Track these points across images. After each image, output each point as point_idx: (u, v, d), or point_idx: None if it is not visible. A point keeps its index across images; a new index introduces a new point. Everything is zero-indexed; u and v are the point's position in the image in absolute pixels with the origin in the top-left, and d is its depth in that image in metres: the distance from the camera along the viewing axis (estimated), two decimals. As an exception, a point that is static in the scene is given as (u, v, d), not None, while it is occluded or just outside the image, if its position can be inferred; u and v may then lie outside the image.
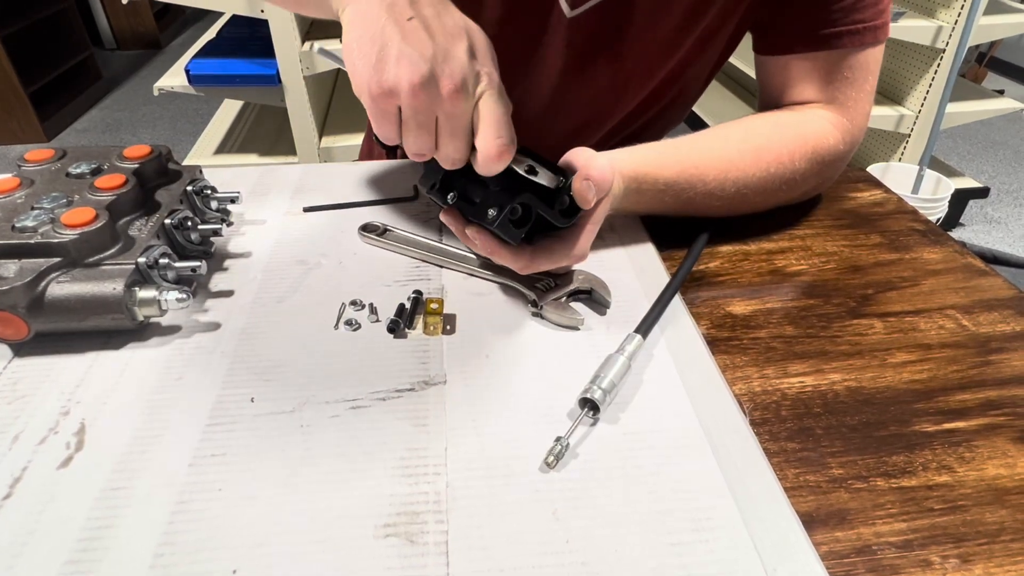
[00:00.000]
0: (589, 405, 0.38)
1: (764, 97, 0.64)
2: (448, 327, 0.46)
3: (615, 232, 0.56)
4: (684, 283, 0.51)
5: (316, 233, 0.56)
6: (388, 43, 0.37)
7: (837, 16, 0.55)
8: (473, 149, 0.40)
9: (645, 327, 0.44)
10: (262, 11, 1.53)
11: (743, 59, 2.31)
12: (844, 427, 0.40)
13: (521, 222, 0.44)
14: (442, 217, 0.47)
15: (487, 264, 0.50)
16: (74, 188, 0.46)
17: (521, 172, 0.42)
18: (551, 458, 0.35)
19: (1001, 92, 2.57)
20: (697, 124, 2.53)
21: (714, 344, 0.46)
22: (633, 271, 0.52)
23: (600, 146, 0.49)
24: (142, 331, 0.44)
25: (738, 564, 0.31)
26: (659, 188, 0.52)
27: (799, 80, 0.59)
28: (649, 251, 0.54)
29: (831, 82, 0.58)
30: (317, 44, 0.44)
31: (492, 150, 0.39)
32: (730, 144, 0.56)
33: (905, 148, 1.93)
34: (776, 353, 0.45)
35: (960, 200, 2.12)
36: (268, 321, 0.46)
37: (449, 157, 0.40)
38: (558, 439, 0.36)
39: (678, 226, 0.56)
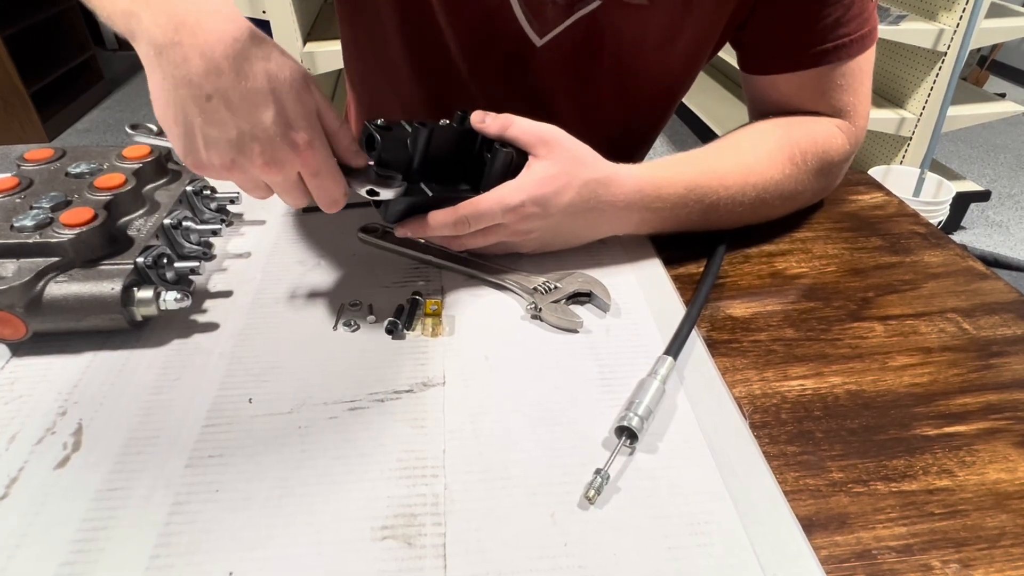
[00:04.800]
0: (627, 433, 0.37)
1: (756, 112, 0.64)
2: (447, 329, 0.45)
3: (616, 237, 0.56)
4: (685, 285, 0.51)
5: (315, 234, 0.55)
6: (191, 127, 0.36)
7: (822, 34, 0.54)
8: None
9: (675, 348, 0.43)
10: (263, 12, 1.53)
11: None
12: (844, 431, 0.39)
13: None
14: (400, 233, 0.48)
15: (486, 266, 0.50)
16: (73, 188, 0.46)
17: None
18: (591, 492, 0.34)
19: (1002, 95, 2.58)
20: (697, 124, 2.53)
21: (714, 347, 0.45)
22: (633, 274, 0.52)
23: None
24: (140, 331, 0.44)
25: (737, 568, 0.31)
26: (680, 192, 0.51)
27: (792, 96, 0.59)
28: (649, 254, 0.54)
29: (825, 94, 0.57)
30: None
31: (325, 208, 0.42)
32: (743, 149, 0.55)
33: (906, 151, 1.93)
34: (776, 356, 0.45)
35: (961, 203, 2.11)
36: (266, 322, 0.46)
37: (295, 206, 0.42)
38: (597, 471, 0.34)
39: (682, 235, 0.55)
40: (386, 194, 0.43)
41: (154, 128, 0.40)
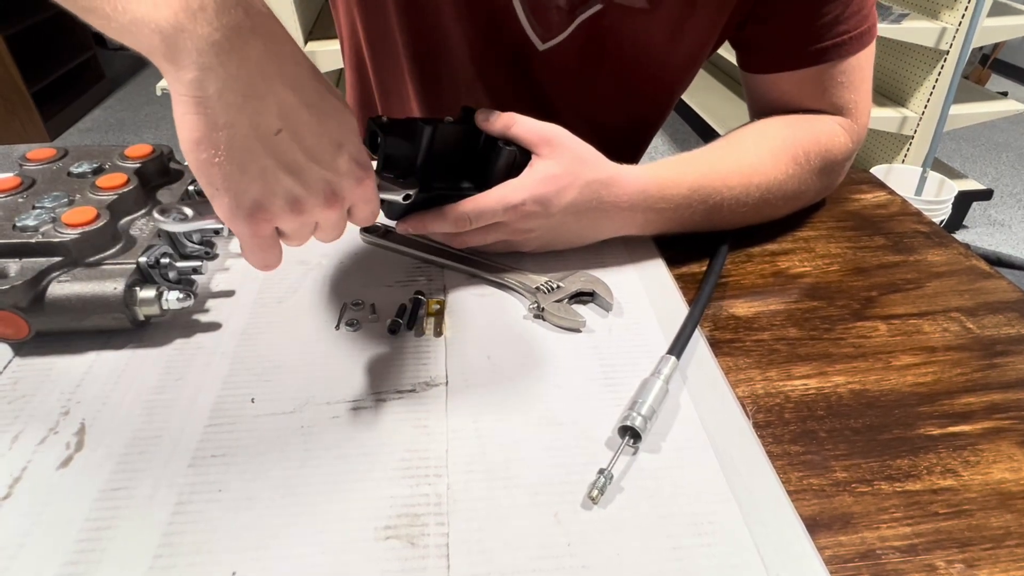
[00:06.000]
0: (630, 433, 0.36)
1: (756, 110, 0.63)
2: (449, 328, 0.45)
3: (619, 236, 0.56)
4: (687, 284, 0.51)
5: (317, 233, 0.55)
6: (247, 165, 0.30)
7: (822, 31, 0.54)
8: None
9: (678, 348, 0.42)
10: (265, 11, 1.52)
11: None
12: (848, 430, 0.39)
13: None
14: (400, 228, 0.47)
15: (488, 265, 0.50)
16: (75, 187, 0.46)
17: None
18: (594, 491, 0.33)
19: (1004, 94, 2.57)
20: (698, 123, 2.53)
21: (717, 346, 0.45)
22: (636, 273, 0.52)
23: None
24: (143, 331, 0.44)
25: (740, 568, 0.31)
26: (684, 193, 0.51)
27: (793, 94, 0.59)
28: (652, 253, 0.54)
29: (826, 92, 0.57)
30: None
31: (357, 224, 0.39)
32: (746, 149, 0.55)
33: (908, 150, 1.93)
34: (779, 355, 0.45)
35: (963, 202, 2.11)
36: (269, 321, 0.46)
37: (332, 241, 0.39)
38: (601, 471, 0.34)
39: (684, 234, 0.55)
40: (396, 198, 0.43)
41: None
